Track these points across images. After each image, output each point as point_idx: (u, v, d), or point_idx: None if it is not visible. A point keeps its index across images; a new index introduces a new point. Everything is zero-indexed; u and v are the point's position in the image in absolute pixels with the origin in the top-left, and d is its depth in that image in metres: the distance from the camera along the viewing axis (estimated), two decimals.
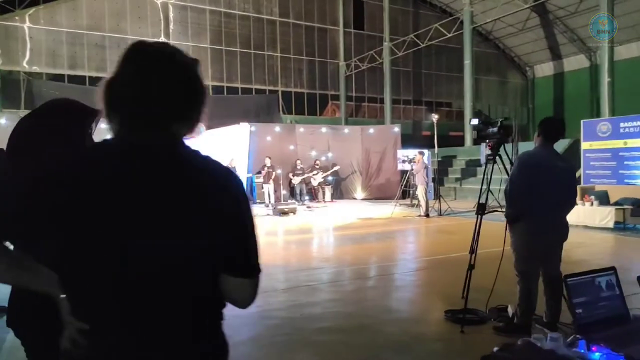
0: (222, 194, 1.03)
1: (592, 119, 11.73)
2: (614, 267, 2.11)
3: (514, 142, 12.12)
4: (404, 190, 14.13)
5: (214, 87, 20.54)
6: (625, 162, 10.25)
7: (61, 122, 1.63)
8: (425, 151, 12.64)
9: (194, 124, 1.08)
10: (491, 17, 18.86)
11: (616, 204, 9.21)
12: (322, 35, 22.93)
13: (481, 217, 4.06)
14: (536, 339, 1.85)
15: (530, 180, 3.20)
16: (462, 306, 3.95)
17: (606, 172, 10.50)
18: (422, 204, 11.46)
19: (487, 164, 4.13)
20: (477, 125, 4.14)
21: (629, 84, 18.58)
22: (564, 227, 3.36)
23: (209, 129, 15.07)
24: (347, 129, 17.72)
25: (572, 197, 3.43)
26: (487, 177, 4.12)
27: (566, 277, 2.00)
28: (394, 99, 22.72)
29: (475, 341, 3.57)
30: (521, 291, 3.47)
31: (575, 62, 24.08)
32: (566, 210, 3.39)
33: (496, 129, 4.02)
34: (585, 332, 1.89)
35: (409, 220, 11.18)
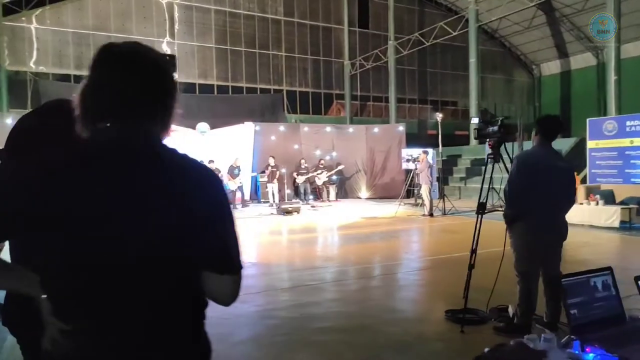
0: (201, 191, 1.04)
1: (598, 118, 11.63)
2: (610, 267, 2.09)
3: (520, 141, 12.06)
4: (409, 189, 14.10)
5: (219, 87, 20.60)
6: (631, 161, 10.16)
7: (62, 121, 1.64)
8: (429, 150, 12.60)
9: (166, 122, 1.09)
10: (497, 15, 18.75)
11: (622, 203, 9.15)
12: (326, 34, 22.91)
13: (481, 216, 4.04)
14: (529, 339, 1.84)
15: (529, 179, 3.18)
16: (464, 306, 3.94)
17: (612, 171, 10.41)
18: (426, 203, 11.43)
19: (487, 163, 4.11)
20: (477, 124, 4.11)
21: (636, 82, 18.41)
22: (564, 227, 3.33)
23: (213, 128, 15.14)
24: (351, 128, 17.70)
25: (572, 197, 3.41)
26: (487, 176, 4.10)
27: (552, 278, 1.99)
28: (399, 98, 22.66)
29: (475, 341, 3.56)
30: (521, 291, 3.45)
31: (582, 60, 23.89)
32: (565, 209, 3.37)
33: (496, 128, 4.00)
34: (580, 332, 1.87)
35: (412, 219, 11.15)
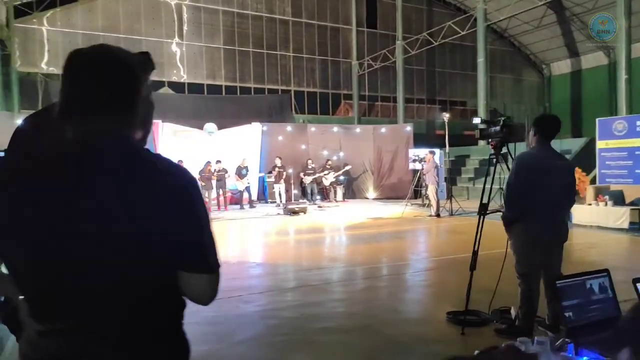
0: (175, 192, 1.04)
1: (607, 117, 11.47)
2: (607, 270, 2.06)
3: (528, 141, 11.94)
4: (416, 189, 14.03)
5: (227, 87, 20.68)
6: None
7: (54, 123, 1.66)
8: (436, 150, 12.53)
9: (136, 123, 1.09)
10: (506, 15, 18.59)
11: (632, 204, 9.00)
12: (334, 34, 22.89)
13: (483, 217, 4.01)
14: (522, 342, 1.82)
15: (528, 181, 3.14)
16: (464, 308, 3.90)
17: (622, 172, 10.27)
18: (433, 203, 11.37)
19: (490, 164, 4.08)
20: (479, 124, 4.08)
21: None
22: (564, 227, 3.29)
23: (222, 128, 15.21)
24: (358, 129, 17.68)
25: (571, 196, 3.36)
26: (490, 177, 4.06)
27: (553, 280, 1.96)
28: (407, 98, 22.56)
29: (475, 343, 3.51)
30: (522, 293, 3.41)
31: (593, 59, 23.60)
32: (565, 209, 3.33)
33: (499, 128, 3.96)
34: (574, 335, 1.85)
35: (419, 220, 11.10)
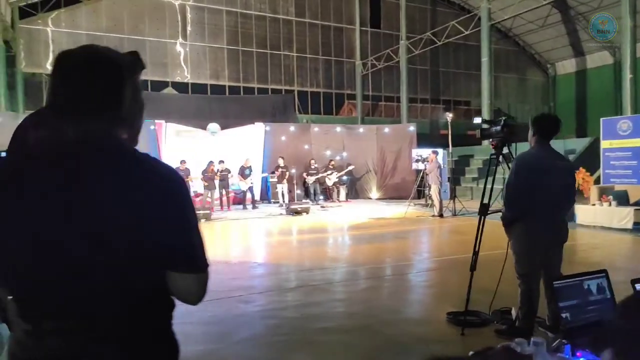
0: (164, 191, 1.03)
1: (612, 117, 11.39)
2: (605, 270, 2.04)
3: None
4: (419, 190, 13.99)
5: (231, 88, 20.70)
6: None
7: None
8: (439, 150, 12.48)
9: (124, 122, 1.08)
10: (510, 14, 18.51)
11: (636, 204, 8.94)
12: (338, 34, 22.87)
13: (484, 217, 3.99)
14: (518, 343, 1.80)
15: (528, 181, 3.11)
16: (464, 308, 3.89)
17: (626, 172, 10.19)
18: (436, 203, 11.33)
19: (490, 164, 4.05)
20: (480, 124, 4.06)
21: None
22: (564, 228, 3.26)
23: (226, 128, 15.23)
24: (362, 128, 17.65)
25: (572, 197, 3.33)
26: (491, 177, 4.04)
27: (550, 280, 1.95)
28: (411, 98, 22.51)
29: (474, 344, 3.48)
30: (522, 294, 3.39)
31: (598, 58, 23.46)
32: (565, 210, 3.30)
33: (499, 128, 3.94)
34: (571, 336, 1.83)
35: (422, 220, 11.07)
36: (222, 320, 4.32)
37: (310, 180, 14.98)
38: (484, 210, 3.96)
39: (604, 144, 10.79)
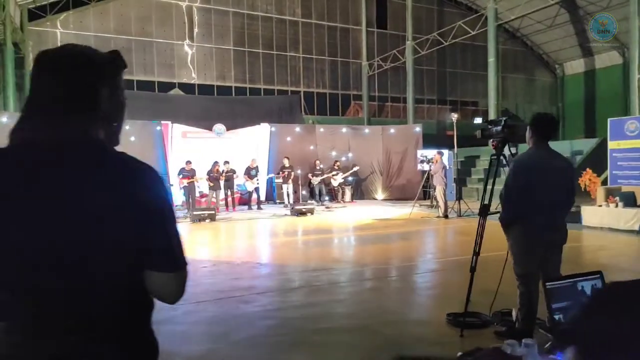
0: (142, 190, 1.04)
1: (619, 117, 11.27)
2: (600, 272, 2.02)
3: None
4: (425, 190, 13.93)
5: (237, 89, 20.77)
6: None
7: None
8: (444, 151, 12.42)
9: (100, 120, 1.08)
10: (517, 14, 18.39)
11: None
12: (344, 35, 22.86)
13: (485, 218, 3.96)
14: (509, 344, 1.79)
15: (526, 182, 3.09)
16: (464, 309, 3.87)
17: (634, 173, 10.08)
18: (441, 204, 11.28)
19: (491, 164, 4.03)
20: (480, 124, 4.03)
21: None
22: (563, 229, 3.23)
23: (232, 129, 15.27)
24: (367, 129, 17.62)
25: (571, 197, 3.29)
26: (491, 178, 4.01)
27: (546, 281, 1.93)
28: (418, 99, 22.42)
29: (473, 345, 3.47)
30: (521, 295, 3.36)
31: (607, 58, 23.25)
32: (565, 211, 3.26)
33: (500, 128, 3.91)
34: None
35: (426, 221, 11.02)
36: (222, 320, 4.33)
37: (315, 181, 14.98)
38: (485, 211, 3.94)
39: (612, 145, 10.68)
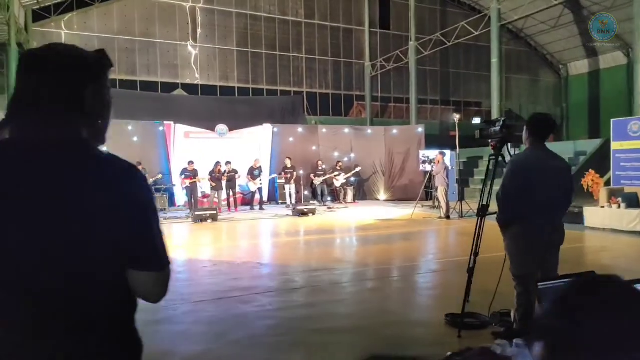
0: (124, 189, 1.04)
1: (622, 118, 11.21)
2: (592, 272, 2.00)
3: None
4: (427, 191, 13.90)
5: (240, 89, 20.80)
6: None
7: None
8: (446, 152, 12.40)
9: (85, 119, 1.08)
10: (521, 14, 18.33)
11: None
12: (347, 35, 22.86)
13: (483, 219, 3.96)
14: (499, 344, 1.78)
15: (523, 183, 3.07)
16: (467, 310, 3.86)
17: (637, 174, 10.02)
18: (443, 205, 11.26)
19: (488, 165, 4.02)
20: (479, 124, 4.03)
21: None
22: (560, 229, 3.21)
23: (235, 130, 15.30)
24: (370, 130, 17.62)
25: (568, 197, 3.28)
26: (490, 178, 4.00)
27: (537, 281, 1.92)
28: (421, 99, 22.38)
29: (471, 346, 3.47)
30: (519, 296, 3.35)
31: (611, 59, 23.13)
32: (562, 211, 3.25)
33: (498, 129, 3.90)
34: None
35: (428, 222, 11.00)
36: (221, 320, 4.34)
37: (317, 181, 14.99)
38: (483, 211, 3.93)
39: (615, 146, 10.62)
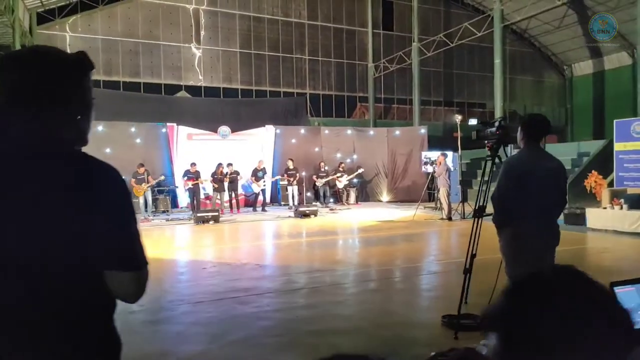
0: (102, 189, 1.05)
1: (625, 119, 11.15)
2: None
3: (543, 143, 11.69)
4: (430, 192, 13.88)
5: (243, 91, 20.86)
6: None
7: None
8: (448, 153, 12.37)
9: (65, 120, 1.09)
10: (524, 15, 18.28)
11: None
12: (350, 37, 22.86)
13: (480, 220, 3.95)
14: (485, 344, 1.79)
15: (517, 184, 3.07)
16: (464, 311, 3.86)
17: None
18: (444, 206, 11.23)
19: (485, 166, 4.02)
20: (475, 125, 4.03)
21: None
22: (555, 230, 3.20)
23: (236, 131, 15.34)
24: (372, 131, 17.62)
25: (563, 197, 3.27)
26: (486, 179, 4.01)
27: None
28: (424, 100, 22.33)
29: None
30: None
31: (616, 59, 23.01)
32: (556, 212, 3.24)
33: (495, 129, 3.91)
34: None
35: (430, 223, 10.98)
36: (220, 320, 4.35)
37: (320, 182, 15.00)
38: (480, 212, 3.93)
39: (617, 147, 10.56)
